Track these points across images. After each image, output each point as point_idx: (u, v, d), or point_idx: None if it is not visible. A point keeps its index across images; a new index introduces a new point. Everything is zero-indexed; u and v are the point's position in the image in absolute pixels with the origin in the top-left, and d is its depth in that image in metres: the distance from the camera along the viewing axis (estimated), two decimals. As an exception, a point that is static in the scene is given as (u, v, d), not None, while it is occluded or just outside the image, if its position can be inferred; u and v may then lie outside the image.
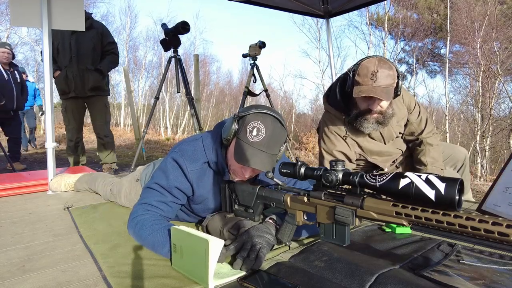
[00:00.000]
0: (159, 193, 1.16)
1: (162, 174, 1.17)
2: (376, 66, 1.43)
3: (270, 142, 1.04)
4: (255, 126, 1.05)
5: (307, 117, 15.80)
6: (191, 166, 1.16)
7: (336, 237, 0.93)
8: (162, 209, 1.15)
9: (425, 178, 0.73)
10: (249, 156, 1.02)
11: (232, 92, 21.43)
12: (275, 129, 1.06)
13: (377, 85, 1.42)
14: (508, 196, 1.30)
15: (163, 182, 1.16)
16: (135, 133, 5.50)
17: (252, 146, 1.03)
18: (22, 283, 0.89)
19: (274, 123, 1.07)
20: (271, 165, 1.06)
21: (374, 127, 1.56)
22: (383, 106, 1.52)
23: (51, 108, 2.08)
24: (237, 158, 1.04)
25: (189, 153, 1.17)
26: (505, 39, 9.12)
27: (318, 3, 3.47)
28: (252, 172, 1.13)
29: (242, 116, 1.09)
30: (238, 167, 1.11)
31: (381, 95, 1.43)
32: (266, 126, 1.04)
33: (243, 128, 1.06)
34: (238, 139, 1.07)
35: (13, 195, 1.96)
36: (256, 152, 1.03)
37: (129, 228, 1.12)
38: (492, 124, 9.17)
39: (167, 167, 1.17)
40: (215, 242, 0.80)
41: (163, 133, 14.96)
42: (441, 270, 0.88)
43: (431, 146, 1.71)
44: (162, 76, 3.36)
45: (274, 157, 1.07)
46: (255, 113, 1.07)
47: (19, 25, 2.13)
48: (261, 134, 1.04)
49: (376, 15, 12.69)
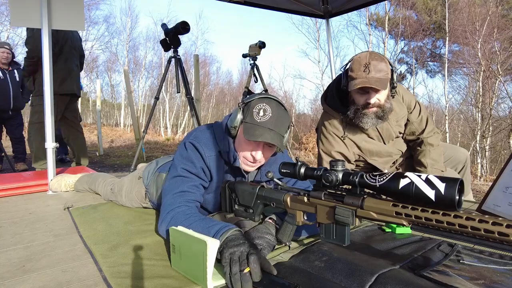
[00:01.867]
0: (188, 178, 1.16)
1: (185, 160, 1.18)
2: (368, 58, 1.46)
3: (277, 122, 1.08)
4: (261, 108, 1.09)
5: (307, 117, 15.79)
6: (208, 152, 1.18)
7: (336, 237, 0.93)
8: (195, 192, 1.15)
9: (425, 178, 0.73)
10: (258, 134, 1.06)
11: (232, 92, 21.43)
12: (280, 111, 1.11)
13: (371, 76, 1.44)
14: (508, 196, 1.30)
15: (190, 167, 1.16)
16: (135, 133, 5.49)
17: (260, 125, 1.07)
18: (22, 283, 0.89)
19: (278, 106, 1.12)
20: (280, 143, 1.09)
21: (374, 122, 1.56)
22: (380, 99, 1.52)
23: (51, 108, 2.08)
24: (248, 136, 1.07)
25: (204, 140, 1.19)
26: (505, 39, 9.13)
27: (318, 3, 3.47)
28: (263, 154, 1.15)
29: (247, 103, 1.13)
30: (249, 151, 1.14)
31: (376, 84, 1.44)
32: (271, 107, 1.09)
33: (249, 111, 1.10)
34: (246, 123, 1.10)
35: (13, 195, 1.96)
36: (266, 130, 1.07)
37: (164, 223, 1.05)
38: (492, 124, 9.17)
39: (188, 152, 1.18)
40: (213, 243, 0.80)
41: (163, 133, 14.97)
42: (441, 270, 0.88)
43: (431, 146, 1.71)
44: (162, 76, 3.36)
45: (282, 138, 1.11)
46: (259, 97, 1.12)
47: (19, 25, 2.13)
48: (267, 114, 1.08)
49: (376, 15, 12.70)
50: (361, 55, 1.50)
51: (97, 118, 6.32)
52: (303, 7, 3.48)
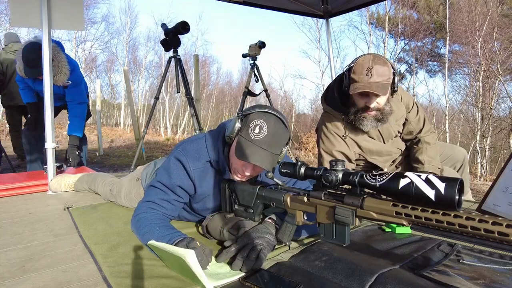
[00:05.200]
0: (162, 191, 1.17)
1: (165, 173, 1.18)
2: (371, 62, 1.45)
3: (271, 141, 1.04)
4: (258, 124, 1.05)
5: (307, 117, 15.79)
6: (194, 165, 1.16)
7: (336, 237, 0.93)
8: (165, 207, 1.16)
9: (425, 178, 0.73)
10: (249, 153, 1.03)
11: (232, 92, 21.42)
12: (277, 129, 1.06)
13: (373, 80, 1.44)
14: (508, 196, 1.30)
15: (166, 181, 1.17)
16: (135, 133, 5.49)
17: (253, 143, 1.03)
18: (22, 283, 0.89)
19: (277, 123, 1.07)
20: (271, 164, 1.05)
21: (373, 124, 1.57)
22: (380, 102, 1.52)
23: (51, 108, 2.08)
24: (238, 154, 1.05)
25: (192, 152, 1.18)
26: (505, 39, 9.13)
27: (318, 3, 3.47)
28: (253, 171, 1.13)
29: (246, 115, 1.10)
30: (239, 165, 1.12)
31: (377, 90, 1.43)
32: (268, 124, 1.05)
33: (246, 126, 1.07)
34: (241, 136, 1.07)
35: (13, 195, 1.96)
36: (257, 150, 1.03)
37: (132, 226, 1.16)
38: (492, 124, 9.17)
39: (170, 166, 1.18)
40: (189, 256, 0.80)
41: (163, 133, 14.96)
42: (441, 270, 0.88)
43: (428, 144, 1.72)
44: (162, 76, 3.36)
45: (275, 157, 1.07)
46: (258, 112, 1.08)
47: (19, 25, 2.13)
48: (263, 132, 1.04)
49: (377, 14, 12.70)
50: (364, 57, 1.49)
51: (97, 118, 6.32)
52: (303, 7, 3.48)
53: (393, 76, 1.52)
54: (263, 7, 3.43)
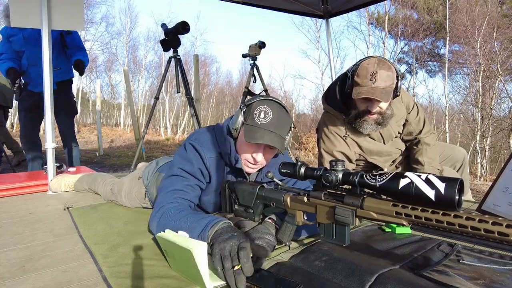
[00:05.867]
0: (184, 178, 1.16)
1: (184, 160, 1.18)
2: (376, 67, 1.43)
3: (278, 124, 1.08)
4: (262, 110, 1.09)
5: (307, 117, 15.79)
6: (208, 154, 1.18)
7: (336, 237, 0.93)
8: (189, 192, 1.15)
9: (425, 178, 0.73)
10: (259, 136, 1.06)
11: (232, 92, 21.43)
12: (281, 113, 1.10)
13: (376, 86, 1.42)
14: (508, 196, 1.30)
15: (187, 167, 1.17)
16: (135, 133, 5.50)
17: (261, 127, 1.07)
18: (22, 283, 0.89)
19: (279, 108, 1.11)
20: (281, 145, 1.09)
21: (373, 128, 1.57)
22: (382, 107, 1.52)
23: (51, 108, 2.08)
24: (248, 138, 1.07)
25: (205, 142, 1.20)
26: (505, 39, 9.13)
27: (318, 3, 3.47)
28: (264, 156, 1.15)
29: (248, 105, 1.13)
30: (250, 153, 1.14)
31: (380, 96, 1.42)
32: (272, 109, 1.09)
33: (250, 114, 1.10)
34: (247, 125, 1.10)
35: (13, 195, 1.96)
36: (266, 132, 1.07)
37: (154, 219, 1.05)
38: (492, 124, 9.17)
39: (188, 153, 1.19)
40: (200, 248, 0.79)
41: (163, 133, 14.97)
42: (441, 270, 0.88)
43: (428, 146, 1.72)
44: (162, 76, 3.36)
45: (283, 140, 1.11)
46: (260, 100, 1.12)
47: (19, 25, 2.13)
48: (268, 116, 1.08)
49: (377, 14, 12.70)
50: (369, 61, 1.46)
51: (97, 118, 6.32)
52: (302, 7, 3.48)
53: (397, 80, 1.51)
54: (263, 7, 3.43)
